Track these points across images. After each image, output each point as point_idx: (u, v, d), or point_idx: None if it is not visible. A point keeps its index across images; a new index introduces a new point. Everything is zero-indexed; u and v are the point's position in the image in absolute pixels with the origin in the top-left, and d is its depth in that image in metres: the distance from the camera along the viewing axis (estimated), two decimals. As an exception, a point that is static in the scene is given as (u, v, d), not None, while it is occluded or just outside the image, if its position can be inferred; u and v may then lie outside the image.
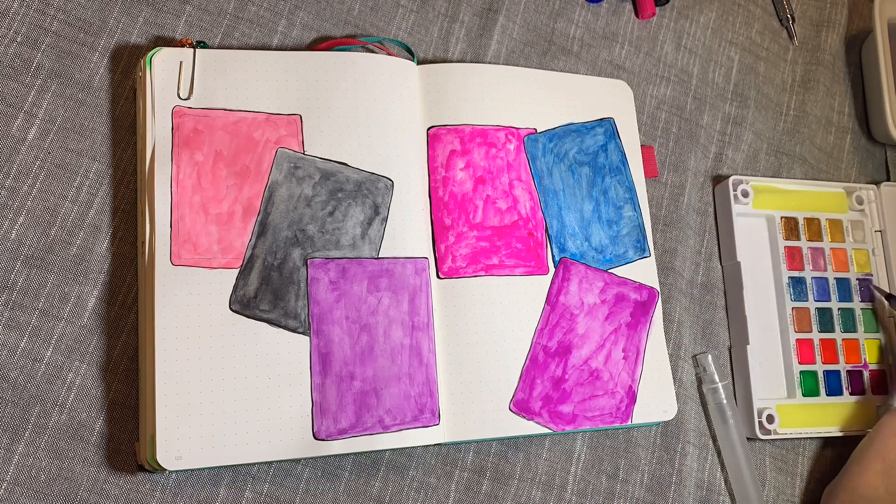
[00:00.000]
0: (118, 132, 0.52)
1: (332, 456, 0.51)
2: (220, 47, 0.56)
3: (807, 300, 0.64)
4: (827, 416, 0.62)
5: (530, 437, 0.55)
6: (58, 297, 0.49)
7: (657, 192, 0.64)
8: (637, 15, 0.68)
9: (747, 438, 0.60)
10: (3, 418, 0.46)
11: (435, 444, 0.53)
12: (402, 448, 0.52)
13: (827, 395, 0.62)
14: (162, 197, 0.49)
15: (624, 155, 0.61)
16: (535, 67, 0.63)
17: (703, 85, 0.69)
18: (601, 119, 0.61)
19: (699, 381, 0.61)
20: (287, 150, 0.52)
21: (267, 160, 0.52)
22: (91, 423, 0.48)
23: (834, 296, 0.65)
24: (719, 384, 0.60)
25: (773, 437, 0.60)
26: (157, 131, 0.50)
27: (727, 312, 0.64)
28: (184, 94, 0.51)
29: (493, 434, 0.53)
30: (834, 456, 0.64)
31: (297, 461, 0.51)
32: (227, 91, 0.52)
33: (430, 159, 0.56)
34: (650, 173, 0.63)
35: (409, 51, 0.59)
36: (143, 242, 0.49)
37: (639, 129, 0.64)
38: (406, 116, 0.55)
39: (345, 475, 0.51)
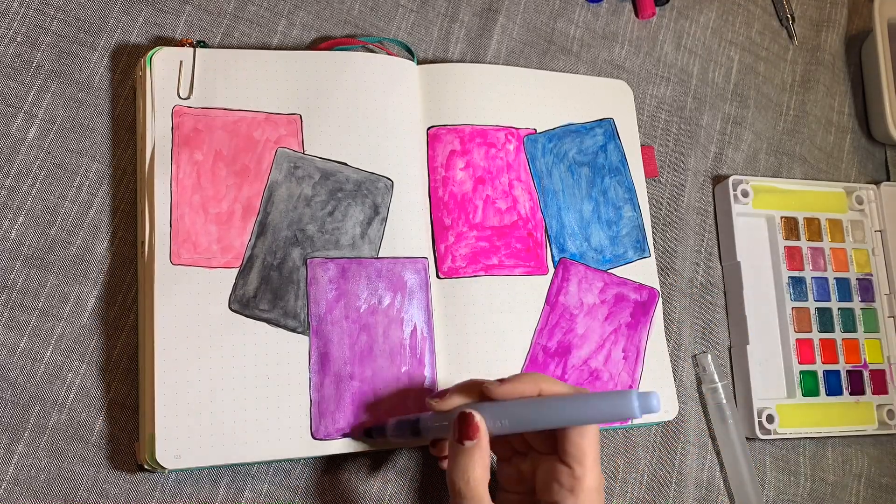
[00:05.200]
0: (118, 132, 0.52)
1: (332, 456, 0.51)
2: (220, 47, 0.56)
3: (807, 300, 0.64)
4: (827, 416, 0.62)
5: (530, 436, 0.55)
6: (58, 297, 0.49)
7: (657, 192, 0.64)
8: (637, 15, 0.68)
9: (747, 438, 0.60)
10: (3, 418, 0.46)
11: (435, 444, 0.53)
12: (401, 448, 0.52)
13: (827, 395, 0.62)
14: (162, 196, 0.49)
15: (623, 155, 0.61)
16: (535, 67, 0.63)
17: (703, 85, 0.69)
18: (601, 119, 0.61)
19: (699, 381, 0.61)
20: (287, 150, 0.52)
21: (267, 160, 0.52)
22: (91, 423, 0.48)
23: (834, 296, 0.65)
24: (719, 384, 0.60)
25: (772, 436, 0.60)
26: (156, 131, 0.50)
27: (727, 312, 0.64)
28: (184, 93, 0.51)
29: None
30: (836, 455, 0.64)
31: (297, 461, 0.51)
32: (226, 90, 0.52)
33: (430, 159, 0.56)
34: (650, 173, 0.63)
35: (409, 51, 0.59)
36: (143, 242, 0.49)
37: (639, 129, 0.64)
38: (406, 116, 0.55)
39: (344, 475, 0.51)
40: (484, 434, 0.42)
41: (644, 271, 0.59)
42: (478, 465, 0.42)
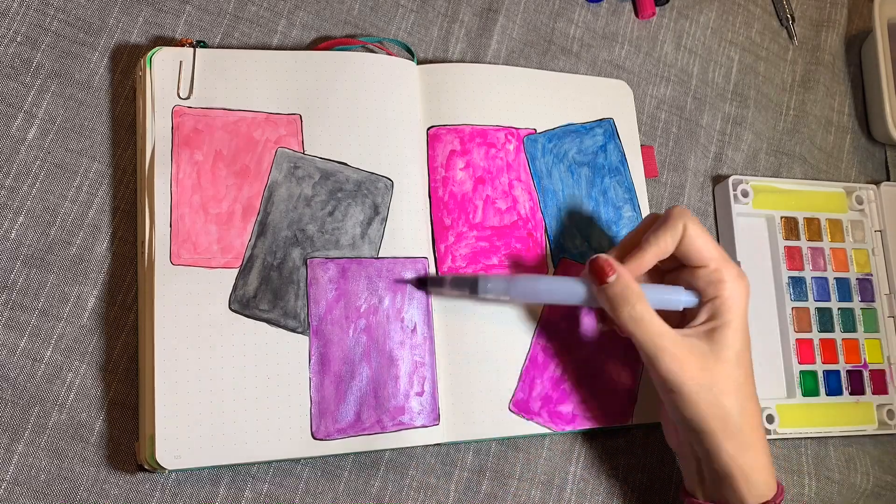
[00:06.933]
0: (118, 132, 0.52)
1: (332, 455, 0.51)
2: (220, 47, 0.56)
3: (807, 300, 0.64)
4: (827, 416, 0.62)
5: (530, 437, 0.55)
6: (58, 297, 0.49)
7: (657, 192, 0.64)
8: (637, 15, 0.68)
9: (747, 438, 0.60)
10: (3, 418, 0.46)
11: (435, 444, 0.53)
12: (401, 448, 0.52)
13: (827, 394, 0.62)
14: (162, 196, 0.49)
15: (623, 155, 0.61)
16: (535, 67, 0.63)
17: (703, 85, 0.69)
18: (601, 119, 0.61)
19: (699, 381, 0.61)
20: (287, 150, 0.52)
21: (267, 160, 0.52)
22: (91, 423, 0.48)
23: (834, 296, 0.65)
24: (719, 384, 0.60)
25: (772, 436, 0.60)
26: (156, 131, 0.50)
27: (727, 312, 0.64)
28: (184, 93, 0.51)
29: (493, 434, 0.53)
30: (839, 455, 0.64)
31: (297, 461, 0.51)
32: (226, 91, 0.52)
33: (430, 159, 0.56)
34: (650, 173, 0.63)
35: (409, 51, 0.59)
36: (143, 242, 0.49)
37: (639, 129, 0.64)
38: (406, 116, 0.55)
39: (344, 475, 0.51)
40: (622, 269, 0.46)
41: (644, 271, 0.59)
42: (634, 300, 0.44)
